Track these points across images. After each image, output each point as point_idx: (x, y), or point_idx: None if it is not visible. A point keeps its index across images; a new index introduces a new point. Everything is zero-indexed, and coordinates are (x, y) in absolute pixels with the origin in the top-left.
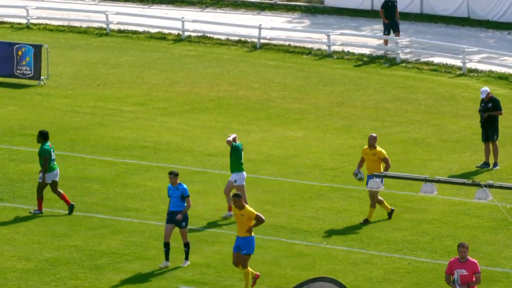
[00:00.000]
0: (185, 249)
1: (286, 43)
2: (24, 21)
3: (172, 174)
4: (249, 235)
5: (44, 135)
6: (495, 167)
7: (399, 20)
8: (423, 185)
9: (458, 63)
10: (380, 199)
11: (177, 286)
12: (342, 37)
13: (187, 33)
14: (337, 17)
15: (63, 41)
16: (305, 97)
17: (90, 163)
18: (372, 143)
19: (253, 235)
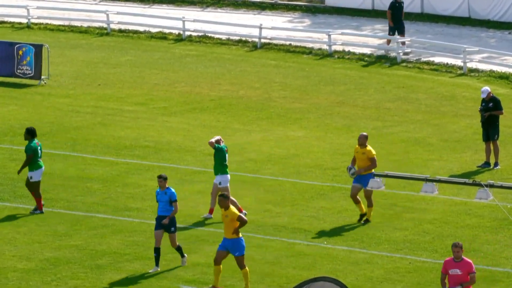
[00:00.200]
0: (178, 251)
1: (287, 42)
2: (24, 20)
3: (161, 178)
4: (236, 236)
5: (31, 132)
6: (496, 166)
7: (403, 20)
8: (424, 184)
9: (458, 62)
10: (358, 199)
11: (178, 286)
12: (343, 36)
13: (187, 33)
14: (338, 16)
15: (63, 41)
16: (306, 96)
17: (91, 162)
18: (361, 141)
19: (240, 236)
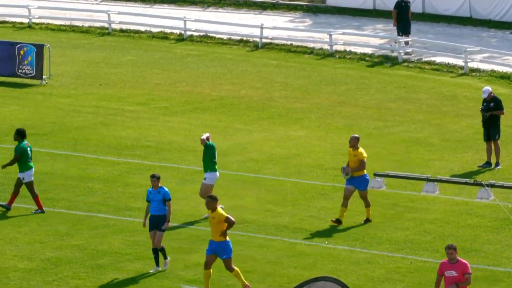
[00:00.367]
0: (154, 255)
1: (288, 42)
2: (26, 20)
3: (155, 177)
4: (224, 239)
5: (21, 133)
6: (497, 166)
7: (411, 20)
8: (425, 184)
9: (460, 62)
10: (347, 203)
11: (179, 285)
12: (344, 36)
13: (189, 33)
14: (339, 16)
15: (65, 41)
16: (307, 96)
17: (92, 162)
18: (353, 143)
19: (228, 238)
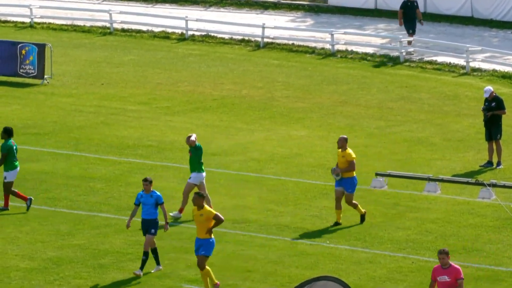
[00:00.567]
0: (143, 257)
1: (290, 42)
2: (27, 20)
3: (147, 181)
4: (209, 236)
5: (8, 132)
6: (498, 166)
7: (422, 20)
8: (427, 184)
9: (461, 62)
10: (340, 205)
11: (180, 285)
12: (345, 36)
13: (190, 32)
14: (341, 16)
15: (66, 40)
16: (308, 96)
17: (94, 162)
18: (341, 144)
19: (213, 237)
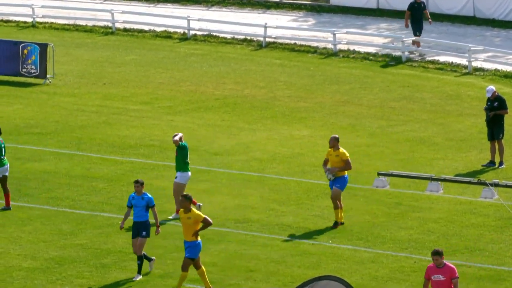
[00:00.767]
0: (138, 262)
1: (292, 41)
2: (29, 19)
3: (139, 183)
4: (195, 239)
5: None
6: (500, 166)
7: (431, 20)
8: (429, 184)
9: (463, 61)
10: (338, 204)
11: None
12: (347, 35)
13: (192, 32)
14: (343, 15)
15: (68, 40)
16: (310, 95)
17: (96, 161)
18: (332, 144)
19: (199, 239)
